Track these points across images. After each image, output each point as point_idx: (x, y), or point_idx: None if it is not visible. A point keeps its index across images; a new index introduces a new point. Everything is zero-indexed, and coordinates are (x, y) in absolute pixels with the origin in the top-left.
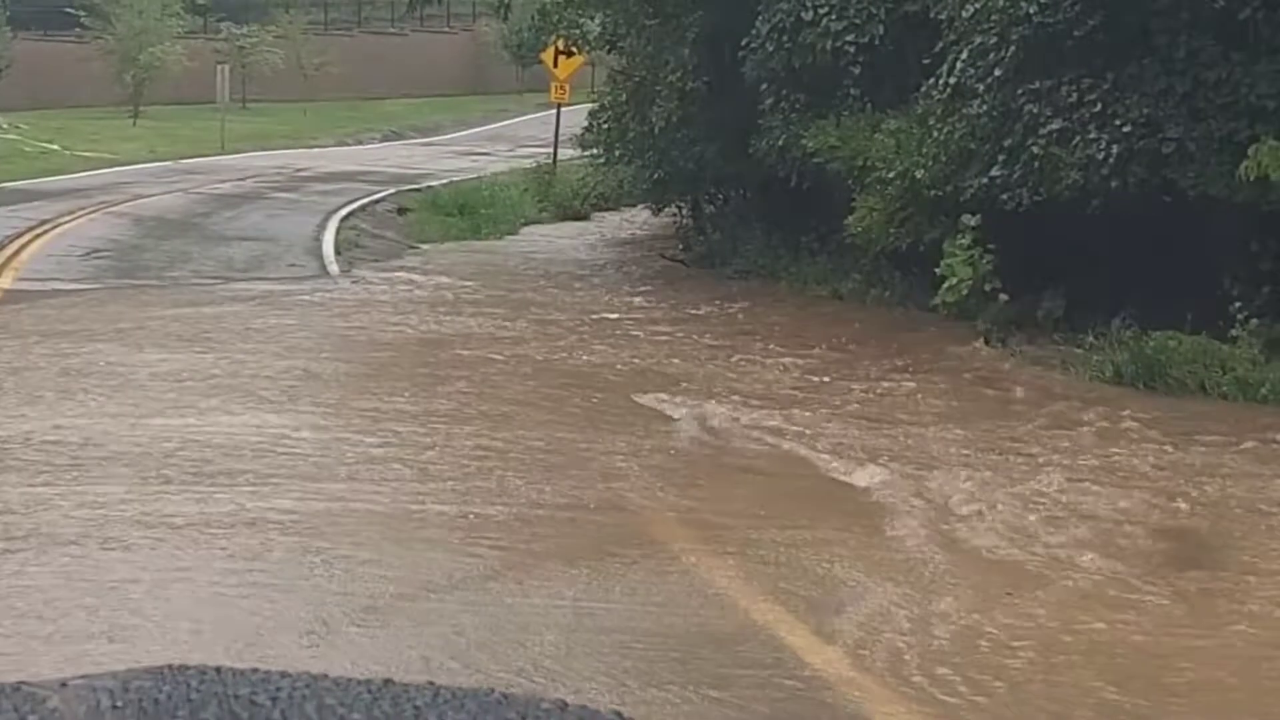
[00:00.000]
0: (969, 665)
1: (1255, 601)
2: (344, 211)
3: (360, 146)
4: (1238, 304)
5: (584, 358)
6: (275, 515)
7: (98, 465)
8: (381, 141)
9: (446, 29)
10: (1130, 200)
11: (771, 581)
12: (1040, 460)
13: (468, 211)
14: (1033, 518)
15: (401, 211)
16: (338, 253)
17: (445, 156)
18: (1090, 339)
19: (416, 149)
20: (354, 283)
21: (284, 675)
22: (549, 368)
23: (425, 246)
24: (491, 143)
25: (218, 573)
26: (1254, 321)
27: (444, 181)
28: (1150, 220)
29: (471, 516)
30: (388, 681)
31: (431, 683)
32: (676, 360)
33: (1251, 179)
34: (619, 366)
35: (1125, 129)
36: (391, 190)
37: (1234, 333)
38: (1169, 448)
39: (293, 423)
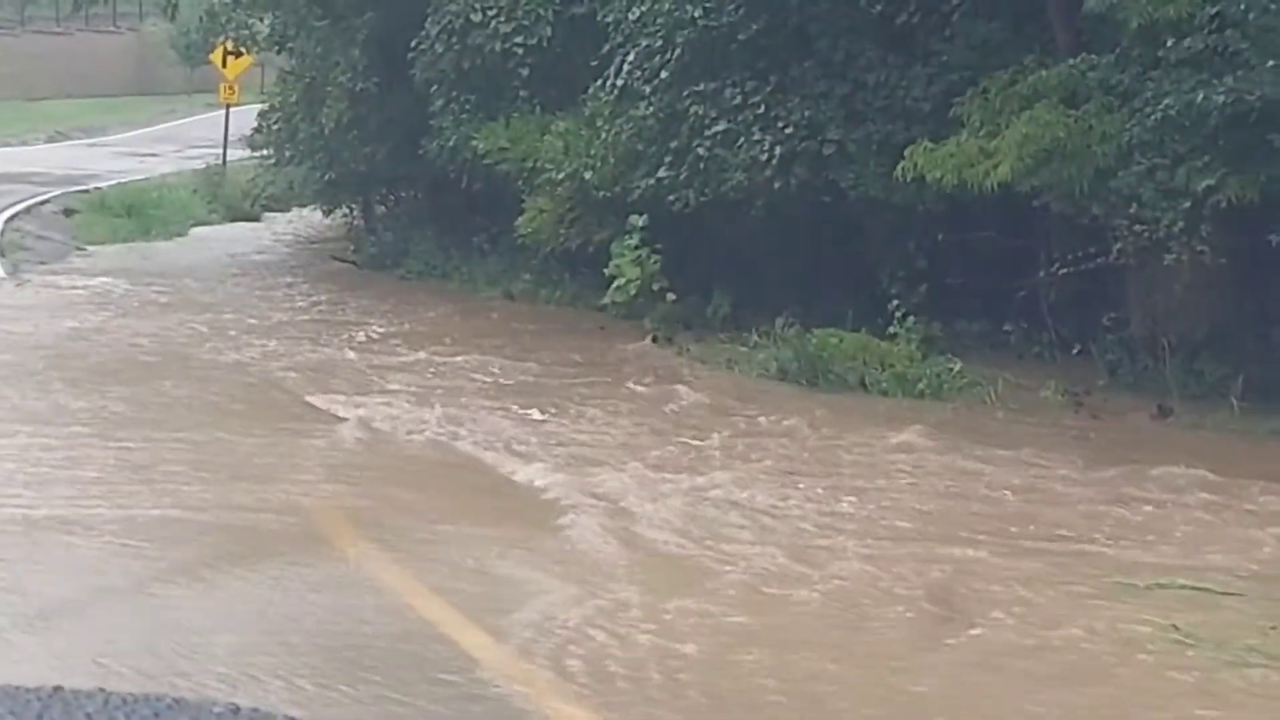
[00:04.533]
0: (639, 660)
1: (919, 591)
2: (8, 213)
3: (25, 147)
4: (896, 302)
5: (254, 359)
6: None
7: None
8: (47, 142)
9: (113, 29)
10: (793, 200)
11: (443, 580)
12: (706, 456)
13: (136, 213)
14: (699, 512)
15: (68, 213)
16: (2, 255)
17: (113, 157)
18: (755, 337)
19: (83, 150)
20: (19, 285)
21: None
22: (218, 369)
23: (93, 248)
24: (160, 143)
25: None
26: (911, 319)
27: (111, 183)
28: (813, 220)
29: (140, 520)
30: (57, 689)
31: (102, 689)
32: (347, 361)
33: (908, 180)
34: (289, 368)
35: (787, 130)
36: (58, 192)
37: (893, 330)
38: (830, 443)
39: None
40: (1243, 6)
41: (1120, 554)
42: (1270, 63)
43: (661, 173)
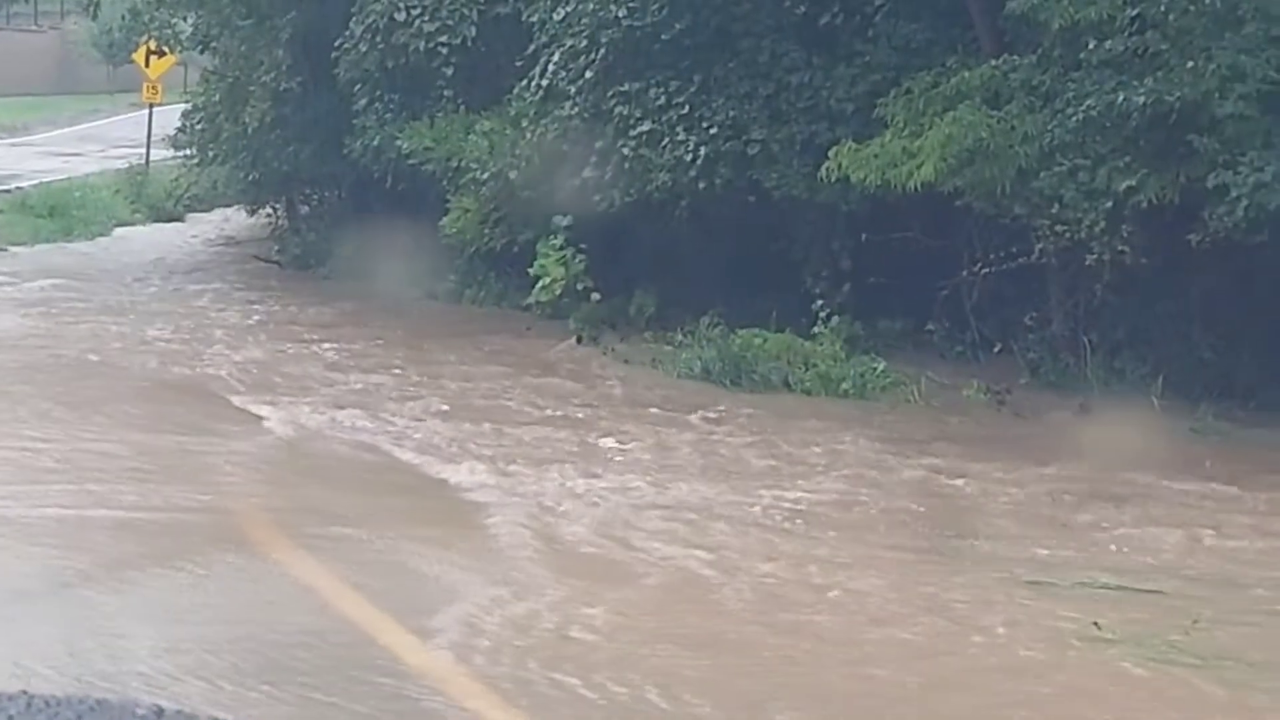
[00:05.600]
0: (564, 659)
1: (837, 589)
2: None
3: None
4: (820, 302)
5: (179, 361)
6: None
7: None
8: None
9: (34, 28)
10: (718, 201)
11: (368, 581)
12: (631, 456)
13: (58, 213)
14: (625, 512)
15: None
16: None
17: (34, 157)
18: (680, 337)
19: (4, 149)
20: None
21: None
22: (144, 371)
23: (14, 249)
24: (82, 143)
25: None
26: (835, 319)
27: (34, 182)
28: (737, 220)
29: (65, 520)
30: None
31: (25, 691)
32: (271, 363)
33: (832, 180)
34: (214, 369)
35: (712, 131)
36: None
37: (817, 329)
38: (753, 443)
39: None
40: (1163, 8)
41: (1042, 552)
42: (1189, 64)
43: (586, 173)
